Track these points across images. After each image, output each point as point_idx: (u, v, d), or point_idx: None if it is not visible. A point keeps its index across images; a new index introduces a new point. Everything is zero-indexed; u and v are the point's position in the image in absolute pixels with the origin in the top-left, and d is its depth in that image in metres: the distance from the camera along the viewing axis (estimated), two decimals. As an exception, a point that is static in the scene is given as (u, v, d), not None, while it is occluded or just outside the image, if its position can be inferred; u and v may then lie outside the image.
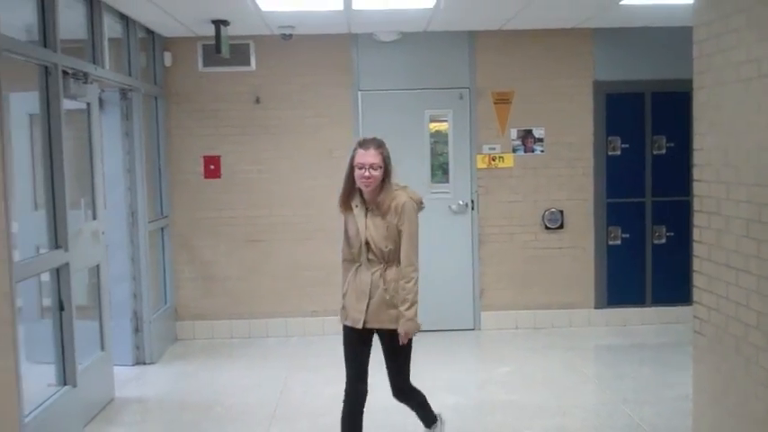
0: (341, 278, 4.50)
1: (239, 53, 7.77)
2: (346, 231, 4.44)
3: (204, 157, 8.01)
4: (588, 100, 8.10)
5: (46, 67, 5.08)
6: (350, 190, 4.35)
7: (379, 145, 4.30)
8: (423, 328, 4.37)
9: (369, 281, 4.30)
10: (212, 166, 8.03)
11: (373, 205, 4.29)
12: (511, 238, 8.20)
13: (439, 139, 8.30)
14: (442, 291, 8.14)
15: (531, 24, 7.73)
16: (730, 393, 4.08)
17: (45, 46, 5.06)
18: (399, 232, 4.26)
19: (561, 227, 8.16)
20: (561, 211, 8.14)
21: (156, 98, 7.71)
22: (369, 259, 4.31)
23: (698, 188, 4.41)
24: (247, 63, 7.94)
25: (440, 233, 8.14)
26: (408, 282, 4.26)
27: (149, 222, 7.32)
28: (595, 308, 8.22)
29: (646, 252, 8.15)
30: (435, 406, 5.78)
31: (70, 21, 5.68)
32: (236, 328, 8.15)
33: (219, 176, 8.03)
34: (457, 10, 6.90)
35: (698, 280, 4.43)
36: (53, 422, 4.94)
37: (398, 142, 7.99)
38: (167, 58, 7.86)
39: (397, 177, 4.36)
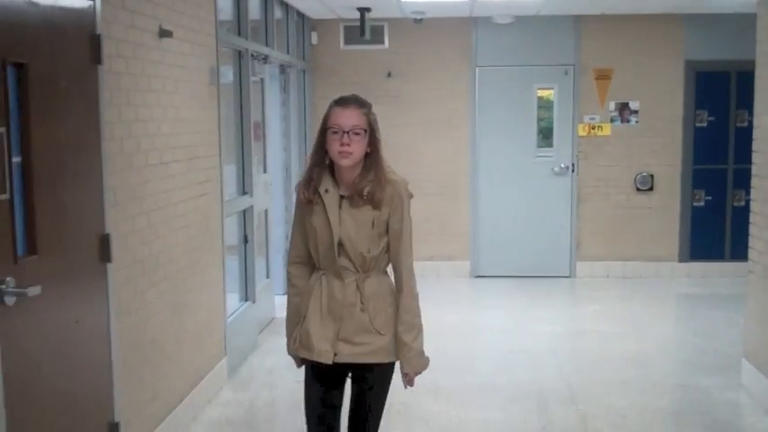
0: (288, 290, 3.38)
1: (375, 34, 9.08)
2: (302, 225, 3.26)
3: (342, 121, 9.40)
4: (679, 77, 9.15)
5: (239, 52, 6.52)
6: (318, 167, 3.17)
7: (362, 104, 3.17)
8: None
9: (341, 296, 3.15)
10: (349, 130, 9.42)
11: (352, 191, 3.12)
12: (606, 197, 9.36)
13: (542, 104, 9.50)
14: (543, 242, 9.40)
15: (630, 10, 8.79)
16: (772, 318, 5.25)
17: (239, 35, 6.50)
18: (387, 230, 3.16)
19: (651, 189, 9.27)
20: (652, 175, 9.24)
21: (304, 72, 9.12)
22: (341, 266, 3.15)
23: (755, 157, 5.56)
24: (382, 42, 9.28)
25: (542, 192, 9.37)
26: (413, 300, 3.20)
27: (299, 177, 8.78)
28: (679, 261, 9.33)
29: (726, 213, 9.19)
30: (535, 333, 7.13)
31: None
32: (365, 269, 9.58)
33: (355, 139, 9.43)
34: (566, 0, 8.05)
35: (752, 229, 5.59)
36: (241, 327, 6.44)
37: (509, 112, 9.33)
38: (314, 38, 9.27)
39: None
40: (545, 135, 9.57)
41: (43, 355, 3.33)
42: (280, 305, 8.10)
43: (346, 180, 3.15)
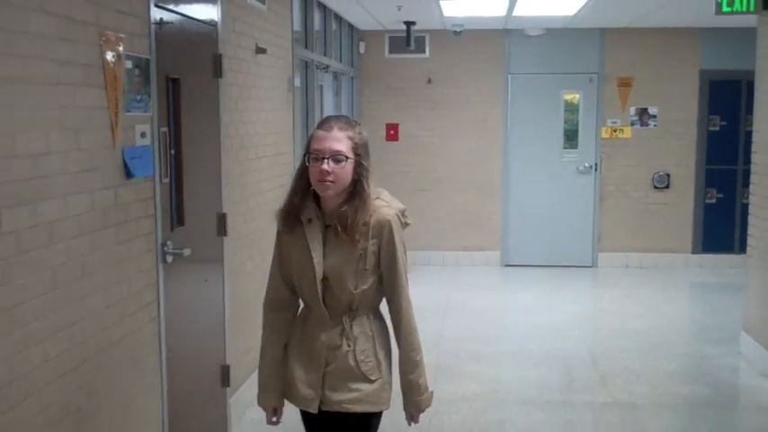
0: (263, 335, 3.11)
1: (417, 44, 10.02)
2: (282, 260, 3.00)
3: (386, 124, 10.37)
4: (694, 85, 10.04)
5: (306, 62, 7.49)
6: (300, 195, 2.88)
7: (347, 125, 2.87)
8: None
9: (325, 338, 2.89)
10: (392, 132, 10.39)
11: (337, 221, 2.84)
12: (626, 194, 10.26)
13: (568, 108, 10.42)
14: (568, 235, 10.30)
15: (651, 24, 9.67)
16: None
17: (306, 47, 7.47)
18: (378, 263, 2.88)
19: (667, 187, 10.16)
20: (668, 174, 10.14)
21: (352, 78, 10.08)
22: (326, 305, 2.89)
23: (754, 158, 6.46)
24: (423, 51, 10.23)
25: (568, 189, 10.28)
26: (413, 335, 2.95)
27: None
28: (692, 253, 10.22)
29: (736, 209, 10.06)
30: (560, 311, 8.04)
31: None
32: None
33: (397, 139, 10.40)
34: (592, 15, 8.95)
35: (751, 219, 6.49)
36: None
37: (538, 115, 10.25)
38: (362, 47, 10.23)
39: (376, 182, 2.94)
40: (570, 137, 10.47)
41: (185, 304, 4.31)
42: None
43: (331, 208, 2.86)
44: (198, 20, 4.50)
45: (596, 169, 10.25)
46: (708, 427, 5.19)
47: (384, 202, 2.90)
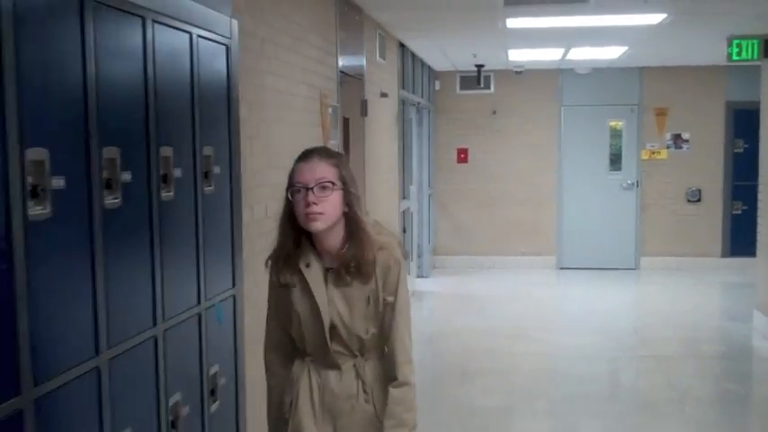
0: (268, 381, 2.83)
1: (484, 81, 11.94)
2: (280, 310, 2.73)
3: (457, 149, 12.29)
4: (721, 113, 11.83)
5: (403, 100, 9.44)
6: (293, 239, 2.63)
7: (328, 154, 2.68)
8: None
9: (338, 388, 2.67)
10: (462, 155, 12.30)
11: (339, 262, 2.60)
12: (663, 207, 12.04)
13: (613, 134, 12.25)
14: (613, 242, 12.09)
15: (682, 62, 11.49)
16: (772, 279, 7.93)
17: (403, 88, 9.42)
18: (385, 305, 2.63)
19: (699, 200, 11.92)
20: (699, 190, 11.90)
21: (429, 111, 12.02)
22: (335, 352, 2.65)
23: (761, 174, 8.25)
24: (489, 88, 12.15)
25: (613, 203, 12.09)
26: (407, 390, 2.65)
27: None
28: (721, 257, 11.95)
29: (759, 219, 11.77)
30: (608, 300, 9.86)
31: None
32: (473, 262, 12.37)
33: (467, 162, 12.30)
34: (632, 57, 10.80)
35: (760, 220, 8.27)
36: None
37: (587, 140, 12.09)
38: (437, 85, 12.18)
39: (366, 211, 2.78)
40: (615, 159, 12.28)
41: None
42: (420, 282, 10.97)
43: (328, 248, 2.61)
44: (354, 76, 6.47)
45: (637, 186, 12.04)
46: (721, 370, 7.01)
47: (385, 234, 2.68)
